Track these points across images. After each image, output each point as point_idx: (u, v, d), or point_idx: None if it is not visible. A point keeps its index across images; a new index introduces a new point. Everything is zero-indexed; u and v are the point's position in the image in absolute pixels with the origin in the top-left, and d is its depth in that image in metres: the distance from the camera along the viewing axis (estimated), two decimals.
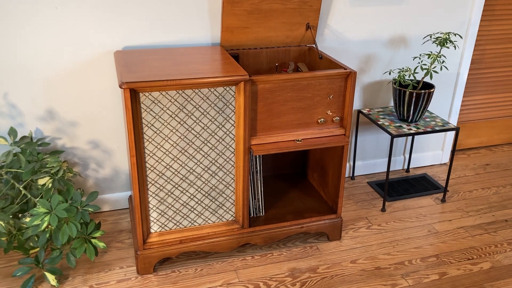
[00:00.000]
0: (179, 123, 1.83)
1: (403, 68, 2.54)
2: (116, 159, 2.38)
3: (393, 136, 2.36)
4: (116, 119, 2.29)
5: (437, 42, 2.36)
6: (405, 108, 2.45)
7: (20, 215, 2.01)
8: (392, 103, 2.75)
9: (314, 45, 2.30)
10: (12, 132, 2.05)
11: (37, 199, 1.91)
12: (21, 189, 1.94)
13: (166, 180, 1.91)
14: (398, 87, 2.43)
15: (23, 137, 2.08)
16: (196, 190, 1.97)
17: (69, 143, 2.27)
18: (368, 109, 2.65)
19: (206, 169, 1.94)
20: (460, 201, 2.65)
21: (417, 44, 2.63)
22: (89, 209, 1.94)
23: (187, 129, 1.85)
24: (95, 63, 2.15)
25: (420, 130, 2.41)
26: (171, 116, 1.80)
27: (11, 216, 1.91)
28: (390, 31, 2.55)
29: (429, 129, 2.43)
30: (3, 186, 1.96)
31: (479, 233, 2.37)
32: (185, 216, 2.01)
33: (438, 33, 2.57)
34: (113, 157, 2.37)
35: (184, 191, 1.95)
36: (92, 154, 2.33)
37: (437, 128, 2.44)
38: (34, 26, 2.02)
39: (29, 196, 1.93)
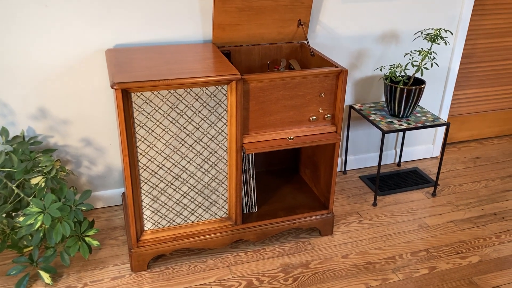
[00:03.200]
0: (171, 122, 1.83)
1: (394, 64, 2.56)
2: (108, 156, 2.38)
3: (384, 132, 2.38)
4: (108, 116, 2.29)
5: (427, 38, 2.38)
6: (396, 104, 2.46)
7: (13, 214, 2.02)
8: (383, 98, 2.77)
9: (305, 42, 2.31)
10: (4, 132, 2.04)
11: (30, 198, 1.91)
12: (14, 188, 1.94)
13: (159, 179, 1.92)
14: (389, 83, 2.44)
15: (15, 137, 2.08)
16: (189, 188, 1.98)
17: (62, 141, 2.27)
18: (360, 105, 2.67)
19: (198, 167, 1.95)
20: (450, 195, 2.69)
21: (408, 39, 2.64)
22: (83, 208, 1.95)
23: (180, 128, 1.86)
24: (87, 61, 2.15)
25: (411, 126, 2.43)
26: (163, 115, 1.81)
27: (4, 215, 1.92)
28: (381, 27, 2.56)
29: (419, 125, 2.45)
30: None
31: (468, 227, 2.41)
32: (178, 214, 2.02)
33: (429, 29, 2.58)
34: (105, 155, 2.37)
35: (177, 189, 1.97)
36: (84, 151, 2.33)
37: (427, 124, 2.46)
38: (24, 24, 2.01)
39: (22, 195, 1.94)
